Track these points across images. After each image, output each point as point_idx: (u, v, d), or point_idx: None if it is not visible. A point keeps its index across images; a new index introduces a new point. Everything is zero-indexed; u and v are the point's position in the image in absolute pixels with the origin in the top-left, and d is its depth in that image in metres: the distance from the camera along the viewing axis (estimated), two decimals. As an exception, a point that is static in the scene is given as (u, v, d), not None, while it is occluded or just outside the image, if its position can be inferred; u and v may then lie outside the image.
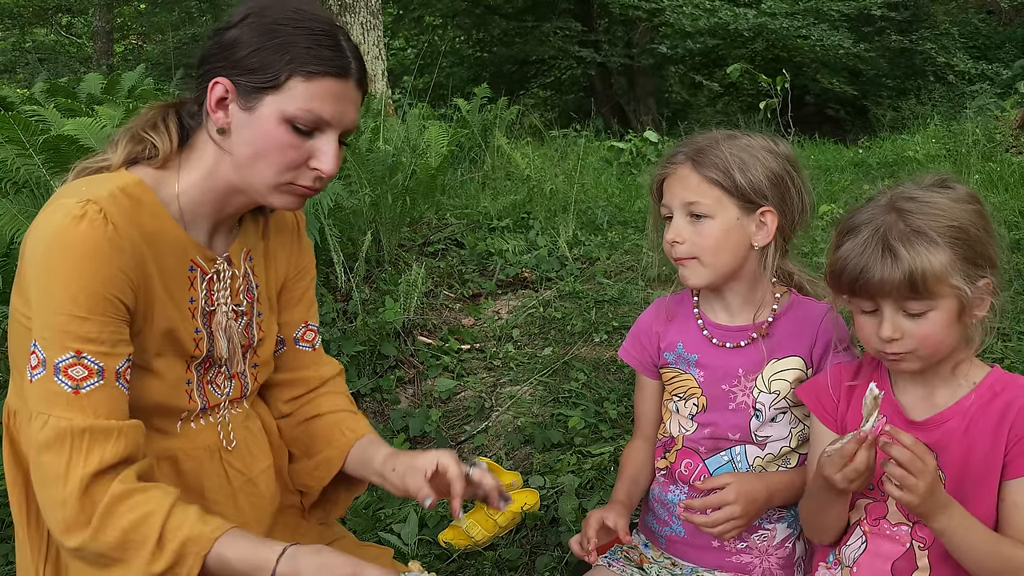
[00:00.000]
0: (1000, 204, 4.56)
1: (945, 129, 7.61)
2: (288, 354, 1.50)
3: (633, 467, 1.60)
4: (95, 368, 1.15)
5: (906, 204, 1.23)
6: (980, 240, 1.22)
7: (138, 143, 1.28)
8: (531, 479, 2.51)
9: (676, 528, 1.55)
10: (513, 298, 3.92)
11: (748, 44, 13.89)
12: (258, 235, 1.42)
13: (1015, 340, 3.02)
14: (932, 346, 1.23)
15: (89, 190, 1.19)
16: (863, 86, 14.08)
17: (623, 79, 15.18)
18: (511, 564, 2.18)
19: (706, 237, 1.43)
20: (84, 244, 1.13)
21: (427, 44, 13.92)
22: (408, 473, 1.33)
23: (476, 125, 6.23)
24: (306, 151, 1.23)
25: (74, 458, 1.13)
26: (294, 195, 1.27)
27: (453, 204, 5.18)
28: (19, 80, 11.11)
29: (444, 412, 2.99)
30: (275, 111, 1.20)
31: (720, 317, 1.55)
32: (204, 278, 1.31)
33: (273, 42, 1.19)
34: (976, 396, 1.27)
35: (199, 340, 1.31)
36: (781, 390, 1.48)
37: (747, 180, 1.43)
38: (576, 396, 2.99)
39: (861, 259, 1.21)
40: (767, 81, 5.86)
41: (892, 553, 1.31)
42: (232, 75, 1.21)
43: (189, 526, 1.13)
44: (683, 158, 1.46)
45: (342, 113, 1.23)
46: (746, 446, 1.51)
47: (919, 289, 1.18)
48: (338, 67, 1.21)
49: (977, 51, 14.04)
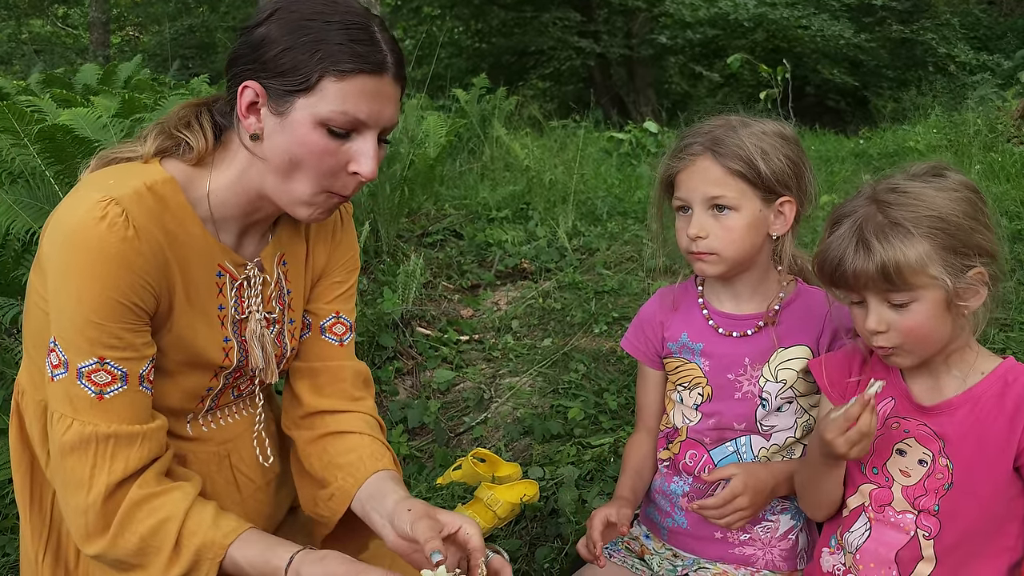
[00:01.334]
0: (1002, 194, 4.55)
1: (946, 119, 7.59)
2: (311, 341, 1.40)
3: (636, 460, 1.59)
4: (119, 374, 1.13)
5: (887, 195, 1.23)
6: (966, 229, 1.20)
7: (169, 139, 1.22)
8: (530, 470, 2.50)
9: (679, 519, 1.54)
10: (512, 289, 3.90)
11: (748, 34, 13.85)
12: (298, 237, 1.35)
13: (1017, 330, 3.01)
14: (918, 339, 1.21)
15: (116, 184, 1.13)
16: (864, 77, 14.04)
17: (622, 70, 15.13)
18: (510, 555, 2.17)
19: (731, 230, 1.40)
20: (102, 248, 1.08)
21: (425, 35, 13.86)
22: (424, 522, 1.16)
23: (475, 116, 6.21)
24: (344, 155, 1.15)
25: (99, 464, 1.12)
26: (326, 206, 1.20)
27: (452, 195, 5.16)
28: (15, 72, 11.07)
29: (443, 403, 2.98)
30: (308, 115, 1.12)
31: (726, 306, 1.53)
32: (234, 284, 1.26)
33: (302, 40, 1.11)
34: (987, 385, 1.26)
35: (228, 350, 1.26)
36: (788, 379, 1.47)
37: (770, 170, 1.39)
38: (576, 387, 2.98)
39: (838, 251, 1.22)
40: (767, 71, 5.84)
41: (896, 541, 1.29)
42: (262, 78, 1.14)
43: (204, 531, 1.12)
44: (701, 149, 1.41)
45: (380, 112, 1.15)
46: (751, 436, 1.49)
47: (894, 281, 1.18)
48: (373, 63, 1.13)
49: (978, 41, 13.99)
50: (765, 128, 1.43)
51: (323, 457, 1.35)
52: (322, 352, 1.40)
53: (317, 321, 1.41)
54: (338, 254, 1.42)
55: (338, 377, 1.41)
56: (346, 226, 1.43)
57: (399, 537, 1.19)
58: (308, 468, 1.37)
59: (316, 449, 1.37)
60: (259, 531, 1.16)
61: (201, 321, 1.22)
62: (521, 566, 2.14)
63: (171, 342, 1.20)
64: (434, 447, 2.71)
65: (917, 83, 12.39)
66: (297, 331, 1.38)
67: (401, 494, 1.25)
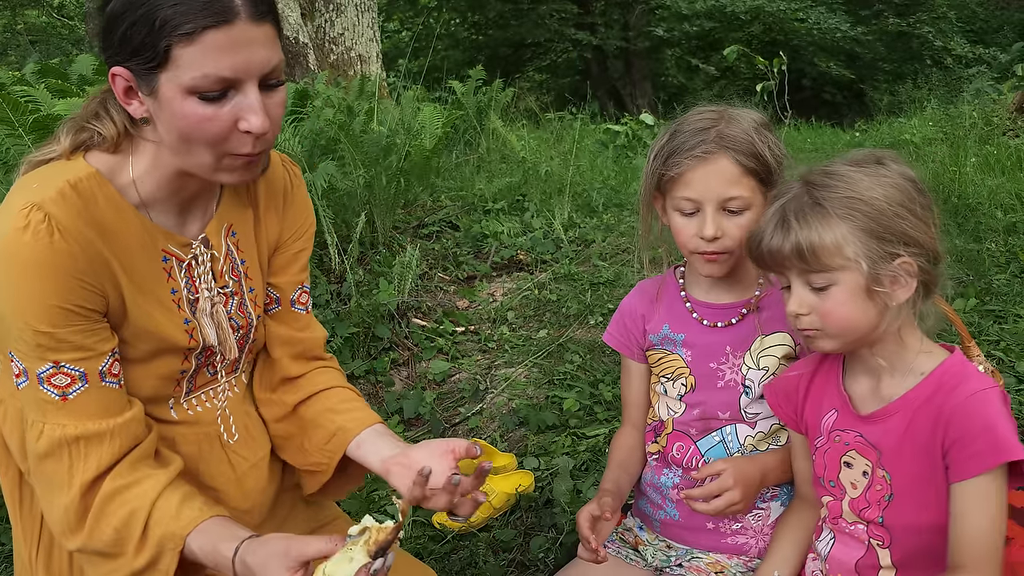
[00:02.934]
0: (997, 187, 4.55)
1: (942, 112, 7.59)
2: (283, 315, 1.42)
3: (620, 455, 1.59)
4: (77, 374, 1.13)
5: (817, 178, 1.22)
6: (891, 215, 1.17)
7: (82, 132, 1.19)
8: (526, 461, 2.51)
9: (670, 511, 1.54)
10: (508, 280, 3.90)
11: (745, 27, 13.84)
12: (244, 205, 1.33)
13: (1011, 322, 3.02)
14: (837, 322, 1.19)
15: (40, 187, 1.11)
16: (860, 70, 14.03)
17: (619, 62, 15.10)
18: (505, 545, 2.18)
19: (743, 228, 1.37)
20: (30, 258, 1.07)
21: (422, 26, 13.82)
22: (395, 470, 1.28)
23: (471, 108, 6.19)
24: (229, 115, 1.08)
25: (75, 464, 1.14)
26: (239, 167, 1.14)
27: (448, 186, 5.15)
28: (11, 62, 11.01)
29: (438, 394, 2.98)
30: (174, 88, 1.05)
31: (708, 296, 1.52)
32: (181, 266, 1.25)
33: (140, 12, 1.03)
34: (921, 389, 1.22)
35: (191, 331, 1.26)
36: (770, 366, 1.47)
37: (776, 164, 1.38)
38: (571, 378, 2.98)
39: (760, 231, 1.22)
40: (764, 63, 5.82)
41: (855, 551, 1.29)
42: (122, 61, 1.08)
43: (166, 522, 1.13)
44: (715, 147, 1.36)
45: (246, 61, 1.06)
46: (736, 425, 1.49)
47: (808, 261, 1.17)
48: (216, 13, 1.03)
49: (974, 35, 13.99)
50: (757, 119, 1.41)
51: (316, 407, 1.40)
52: (294, 322, 1.43)
53: (286, 296, 1.41)
54: (290, 221, 1.39)
55: (313, 346, 1.45)
56: (296, 190, 1.40)
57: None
58: (297, 428, 1.41)
59: (310, 406, 1.41)
60: (221, 520, 1.16)
61: (156, 308, 1.21)
62: (516, 556, 2.15)
63: (134, 333, 1.20)
64: (429, 438, 2.72)
65: (913, 76, 12.39)
66: (260, 299, 1.37)
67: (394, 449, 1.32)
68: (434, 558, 2.13)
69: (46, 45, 13.44)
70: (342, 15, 6.75)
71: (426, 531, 2.23)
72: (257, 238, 1.36)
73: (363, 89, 5.84)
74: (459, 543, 2.19)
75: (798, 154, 6.10)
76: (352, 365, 3.03)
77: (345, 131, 3.88)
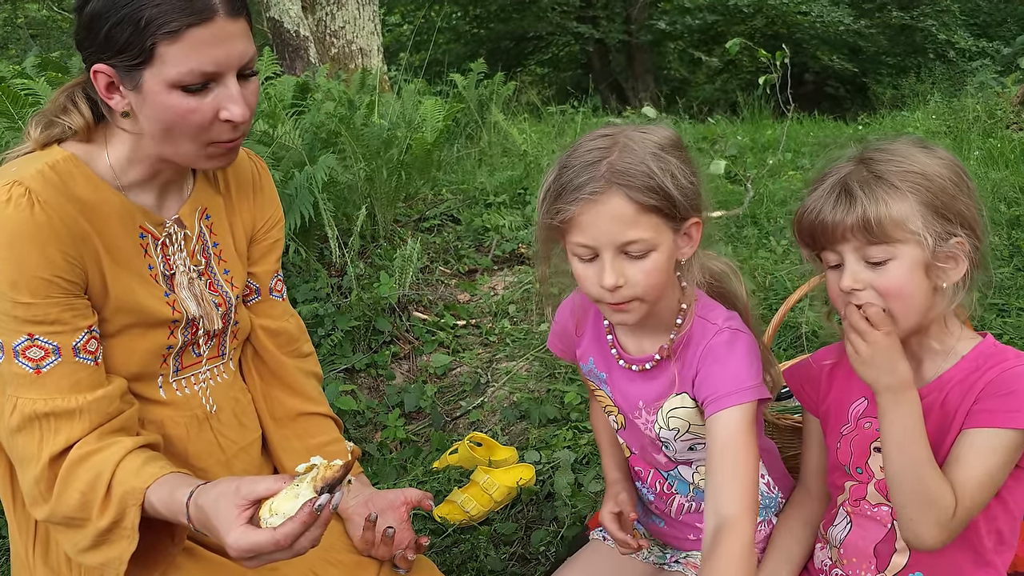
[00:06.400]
0: (1000, 180, 4.53)
1: (946, 106, 7.55)
2: (264, 304, 1.49)
3: (608, 432, 1.53)
4: (50, 348, 1.16)
5: (874, 154, 1.21)
6: (951, 194, 1.17)
7: (52, 127, 1.24)
8: (527, 454, 2.51)
9: (656, 520, 1.53)
10: (509, 274, 3.89)
11: (748, 20, 13.79)
12: (214, 191, 1.39)
13: (1014, 316, 3.01)
14: (896, 297, 1.16)
15: (19, 170, 1.17)
16: (863, 63, 13.99)
17: (621, 56, 15.06)
18: (506, 539, 2.18)
19: (651, 273, 1.20)
20: (12, 229, 1.12)
21: (423, 20, 13.79)
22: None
23: (472, 101, 6.18)
24: (210, 106, 1.16)
25: (45, 438, 1.16)
26: (220, 154, 1.22)
27: (449, 179, 5.14)
28: (11, 55, 11.00)
29: (439, 388, 2.98)
30: (159, 83, 1.13)
31: (628, 340, 1.37)
32: (156, 244, 1.29)
33: (124, 11, 1.10)
34: (958, 370, 1.22)
35: (173, 303, 1.30)
36: (680, 428, 1.33)
37: (682, 194, 1.19)
38: (572, 372, 2.98)
39: (817, 205, 1.20)
40: (766, 56, 5.79)
41: (875, 534, 1.28)
42: (105, 59, 1.14)
43: (129, 479, 1.15)
44: (604, 184, 1.16)
45: (226, 56, 1.14)
46: (678, 467, 1.42)
47: (874, 232, 1.14)
48: (197, 12, 1.10)
49: (978, 28, 13.94)
50: (659, 141, 1.21)
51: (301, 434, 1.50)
52: (272, 311, 1.50)
53: (264, 285, 1.49)
54: (262, 210, 1.47)
55: (292, 337, 1.52)
56: (263, 180, 1.47)
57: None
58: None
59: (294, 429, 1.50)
60: (180, 475, 1.17)
61: (136, 281, 1.26)
62: (517, 549, 2.14)
63: (116, 307, 1.23)
64: (430, 431, 2.72)
65: (917, 69, 12.34)
66: (238, 280, 1.41)
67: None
68: (435, 551, 2.13)
69: (46, 39, 13.43)
70: (343, 8, 6.74)
71: (427, 524, 2.22)
72: (232, 224, 1.41)
73: (364, 82, 5.83)
74: (460, 536, 2.19)
75: (801, 148, 6.08)
76: (353, 358, 3.02)
77: (346, 124, 3.87)
